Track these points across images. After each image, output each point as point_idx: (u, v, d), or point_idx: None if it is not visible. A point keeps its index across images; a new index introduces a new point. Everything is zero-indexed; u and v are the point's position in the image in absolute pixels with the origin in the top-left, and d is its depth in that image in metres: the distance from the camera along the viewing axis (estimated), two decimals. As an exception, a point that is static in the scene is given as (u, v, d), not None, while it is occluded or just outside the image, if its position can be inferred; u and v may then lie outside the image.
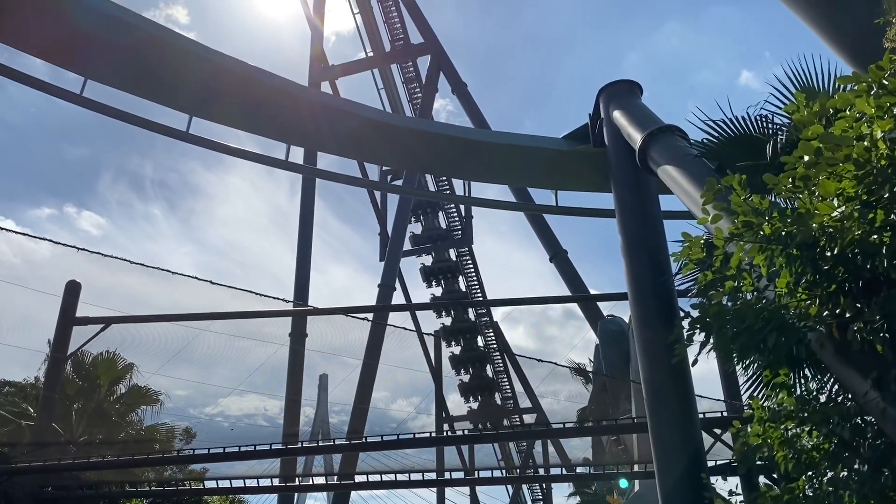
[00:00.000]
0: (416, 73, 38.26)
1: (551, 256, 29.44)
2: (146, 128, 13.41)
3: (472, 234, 38.76)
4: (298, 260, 28.18)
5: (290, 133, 14.58)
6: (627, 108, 12.74)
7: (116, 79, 13.09)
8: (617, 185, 12.52)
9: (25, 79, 12.52)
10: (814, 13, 8.34)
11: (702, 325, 5.57)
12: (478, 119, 32.50)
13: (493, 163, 15.19)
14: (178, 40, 13.29)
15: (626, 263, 11.51)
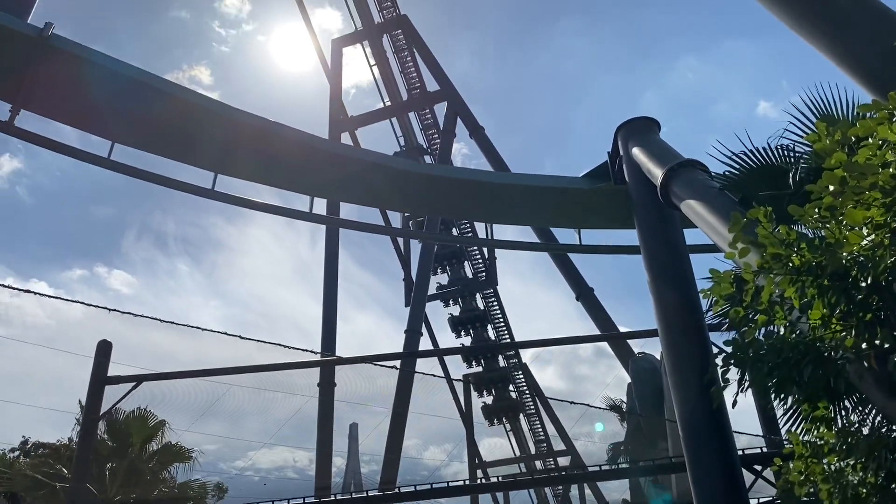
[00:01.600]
0: (433, 120, 38.77)
1: (577, 295, 29.28)
2: (173, 187, 13.66)
3: (496, 276, 38.74)
4: (325, 310, 28.28)
5: (314, 185, 14.79)
6: (646, 145, 12.78)
7: (143, 141, 13.41)
8: (640, 222, 12.49)
9: (57, 146, 12.86)
10: (829, 42, 8.36)
11: (736, 361, 5.50)
12: (497, 161, 32.76)
13: (515, 205, 15.25)
14: (201, 101, 13.61)
15: (654, 300, 11.40)
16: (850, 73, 8.23)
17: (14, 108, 12.38)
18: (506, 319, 39.88)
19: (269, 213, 14.89)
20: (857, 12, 8.27)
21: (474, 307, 40.07)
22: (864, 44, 8.09)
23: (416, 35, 36.81)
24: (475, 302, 40.16)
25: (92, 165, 13.09)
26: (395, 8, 37.65)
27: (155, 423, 24.13)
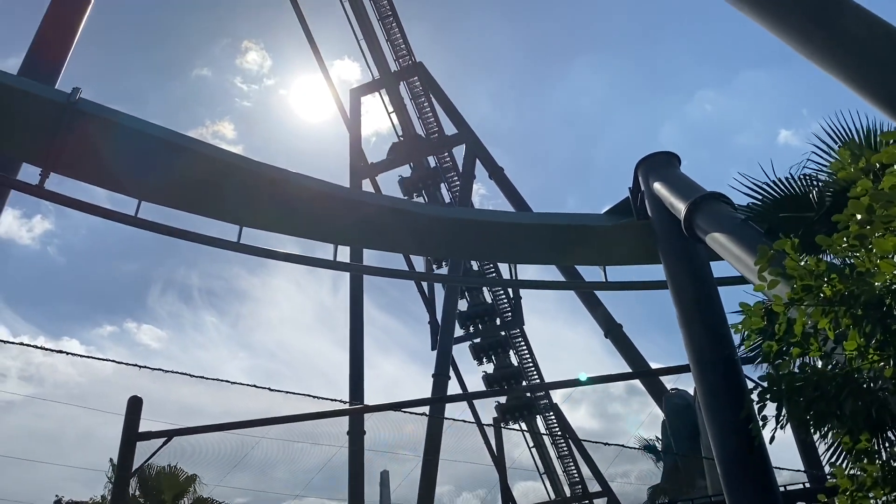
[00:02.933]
0: (452, 163, 39.03)
1: (606, 332, 29.00)
2: (200, 242, 13.86)
3: (522, 316, 38.50)
4: (351, 358, 28.23)
5: (338, 234, 14.91)
6: (667, 179, 12.77)
7: (169, 198, 13.66)
8: (665, 256, 12.42)
9: (85, 207, 13.13)
10: (846, 69, 8.36)
11: (772, 395, 5.40)
12: (518, 201, 32.83)
13: (538, 245, 15.25)
14: (225, 156, 13.87)
15: (684, 335, 11.27)
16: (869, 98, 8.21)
17: (44, 171, 12.69)
18: (534, 358, 39.53)
19: (295, 263, 15.03)
20: (871, 38, 8.27)
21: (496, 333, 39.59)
22: (881, 69, 8.07)
23: (432, 81, 37.33)
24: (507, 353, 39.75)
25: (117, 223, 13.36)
26: (411, 56, 38.30)
27: (185, 478, 24.04)
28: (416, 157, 38.97)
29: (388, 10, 37.76)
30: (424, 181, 39.15)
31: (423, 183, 39.22)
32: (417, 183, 38.91)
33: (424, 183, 39.23)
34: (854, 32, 8.40)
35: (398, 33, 38.05)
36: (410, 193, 39.13)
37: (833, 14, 8.70)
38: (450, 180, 39.21)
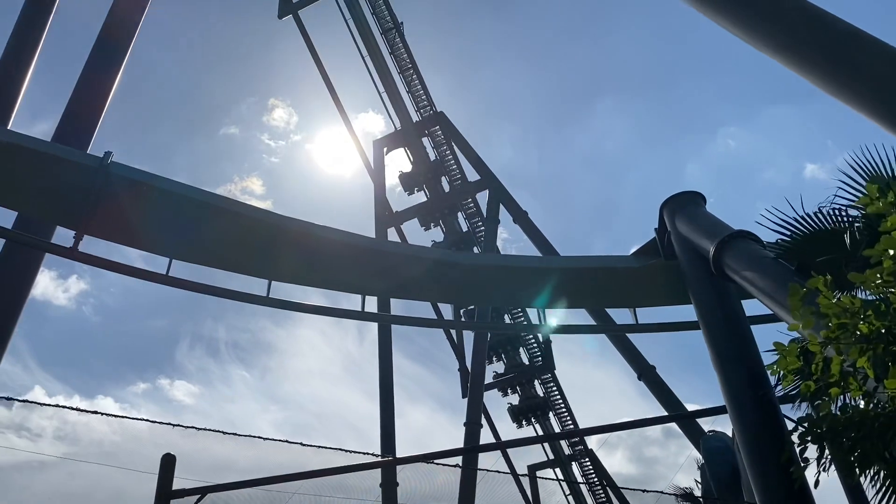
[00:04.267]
0: (476, 208, 39.21)
1: (639, 374, 28.56)
2: (231, 298, 14.01)
3: (553, 360, 38.12)
4: (382, 409, 28.05)
5: (365, 285, 15.00)
6: (693, 219, 12.74)
7: (199, 256, 13.88)
8: (695, 297, 12.31)
9: (118, 267, 13.37)
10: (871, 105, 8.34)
11: (813, 437, 5.27)
12: (544, 245, 32.77)
13: (566, 289, 15.20)
14: (254, 213, 14.10)
15: (719, 376, 11.09)
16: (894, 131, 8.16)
17: (77, 234, 12.96)
18: (567, 403, 39.00)
19: (324, 315, 15.11)
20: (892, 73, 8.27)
21: (534, 394, 39.29)
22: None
23: (453, 129, 37.76)
24: (534, 389, 39.44)
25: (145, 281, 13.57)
26: (432, 106, 38.88)
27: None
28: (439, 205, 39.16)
29: (409, 63, 38.52)
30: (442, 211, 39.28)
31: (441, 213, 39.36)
32: (421, 182, 38.90)
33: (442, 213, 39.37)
34: (874, 67, 8.40)
35: (419, 85, 38.73)
36: (411, 188, 39.19)
37: (853, 50, 8.72)
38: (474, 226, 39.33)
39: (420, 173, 38.83)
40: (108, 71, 18.97)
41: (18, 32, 20.70)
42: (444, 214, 39.57)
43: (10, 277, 16.90)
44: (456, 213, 39.76)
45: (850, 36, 8.89)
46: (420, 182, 39.16)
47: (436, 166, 38.94)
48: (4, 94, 19.74)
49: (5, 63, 20.21)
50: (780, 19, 9.62)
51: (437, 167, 38.95)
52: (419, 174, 38.85)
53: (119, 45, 19.36)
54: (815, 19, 9.44)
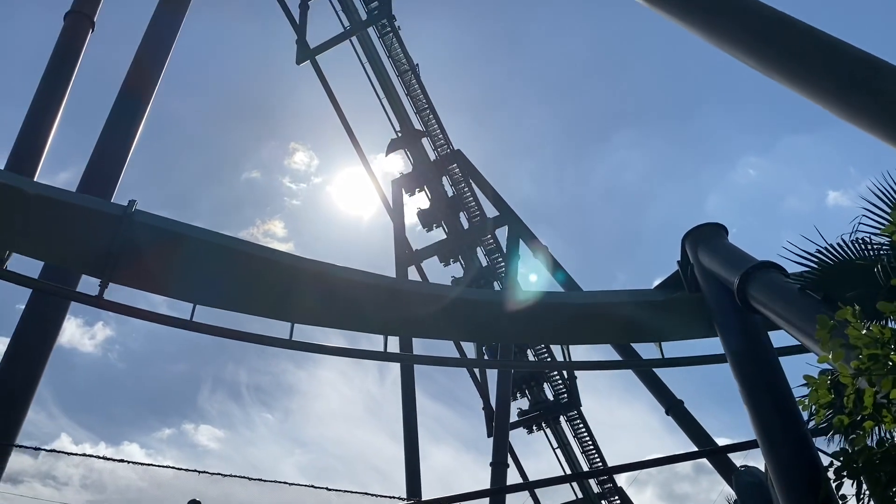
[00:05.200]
0: (496, 244, 39.24)
1: (667, 409, 28.10)
2: (254, 342, 14.06)
3: (578, 397, 37.70)
4: (406, 450, 27.79)
5: (387, 325, 14.98)
6: (716, 251, 12.66)
7: (223, 300, 13.97)
8: (722, 329, 12.18)
9: (143, 314, 13.49)
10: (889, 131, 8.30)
11: (849, 472, 5.16)
12: (567, 280, 32.64)
13: (590, 324, 15.09)
14: (277, 257, 14.21)
15: (749, 410, 10.90)
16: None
17: (103, 282, 13.11)
18: (594, 441, 38.47)
19: (347, 356, 15.09)
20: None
21: (560, 432, 38.81)
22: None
23: (471, 167, 38.01)
24: (559, 426, 38.95)
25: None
26: (449, 145, 39.22)
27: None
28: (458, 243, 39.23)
29: (425, 104, 38.96)
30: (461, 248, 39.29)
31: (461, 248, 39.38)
32: (436, 214, 38.92)
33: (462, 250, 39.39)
34: (892, 93, 8.37)
35: (436, 125, 39.12)
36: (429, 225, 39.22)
37: (868, 76, 8.71)
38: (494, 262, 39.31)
39: (438, 210, 39.01)
40: (130, 121, 19.39)
41: (44, 86, 21.26)
42: (463, 250, 39.64)
43: (36, 327, 17.12)
44: (475, 248, 39.82)
45: (865, 63, 8.88)
46: (438, 218, 39.32)
47: (454, 203, 39.12)
48: (31, 146, 20.20)
49: (32, 116, 20.72)
50: (794, 49, 9.65)
51: (455, 204, 39.13)
52: (437, 210, 39.03)
53: (141, 96, 19.81)
54: (829, 48, 9.45)
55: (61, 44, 22.13)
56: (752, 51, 10.36)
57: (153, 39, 20.81)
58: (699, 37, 11.71)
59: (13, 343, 16.97)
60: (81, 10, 22.88)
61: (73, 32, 22.54)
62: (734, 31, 10.66)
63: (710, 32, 11.36)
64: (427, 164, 38.54)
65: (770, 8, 10.39)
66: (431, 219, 39.14)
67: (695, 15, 11.56)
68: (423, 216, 39.05)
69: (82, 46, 22.57)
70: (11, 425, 16.20)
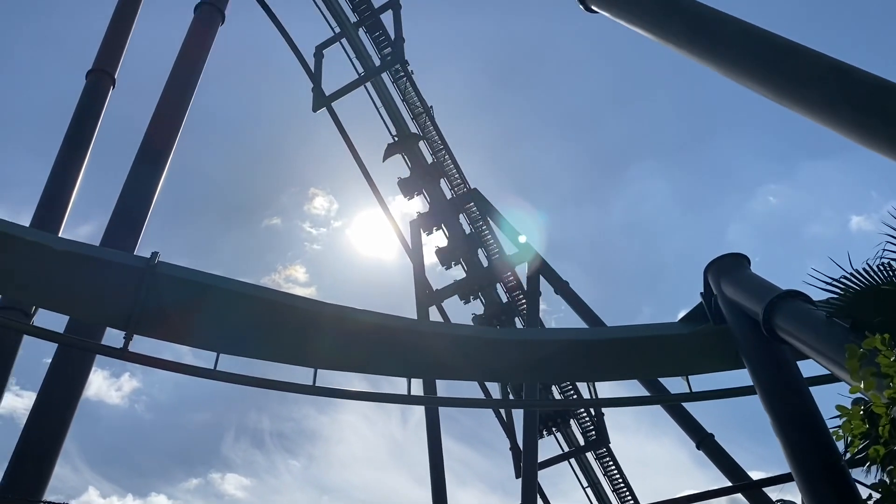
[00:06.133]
0: (516, 281, 39.14)
1: (697, 443, 27.59)
2: (278, 389, 14.06)
3: (607, 434, 37.14)
4: (434, 494, 27.32)
5: (411, 367, 14.92)
6: (740, 281, 12.55)
7: (246, 349, 14.01)
8: (749, 361, 12.01)
9: (168, 365, 13.56)
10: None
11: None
12: (588, 315, 32.34)
13: (615, 360, 14.94)
14: (299, 303, 14.28)
15: (781, 442, 10.68)
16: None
17: (127, 334, 13.20)
18: (625, 480, 37.76)
19: (371, 401, 15.03)
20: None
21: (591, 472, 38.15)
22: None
23: (488, 204, 38.15)
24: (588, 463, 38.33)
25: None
26: (465, 183, 39.45)
27: None
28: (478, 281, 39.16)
29: (440, 145, 39.35)
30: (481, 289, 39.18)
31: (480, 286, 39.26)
32: (455, 252, 38.87)
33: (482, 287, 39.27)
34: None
35: (451, 164, 39.42)
36: (448, 263, 39.13)
37: (885, 103, 8.70)
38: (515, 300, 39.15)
39: (457, 248, 39.08)
40: (152, 174, 19.73)
41: (68, 143, 21.78)
42: (483, 288, 39.57)
43: (63, 380, 17.25)
44: (495, 285, 39.74)
45: (881, 89, 8.87)
46: (457, 256, 39.36)
47: (472, 241, 39.19)
48: (56, 202, 20.62)
49: (56, 172, 21.19)
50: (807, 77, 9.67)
51: (473, 241, 39.19)
52: (456, 249, 39.10)
53: (162, 148, 20.18)
54: (842, 74, 9.46)
55: (84, 101, 22.74)
56: (765, 81, 10.38)
57: (173, 93, 21.28)
58: (711, 69, 11.78)
59: (40, 397, 17.09)
60: (103, 68, 23.53)
61: (94, 90, 23.17)
62: (746, 62, 10.71)
63: (721, 64, 11.41)
64: (444, 203, 38.76)
65: (781, 38, 10.44)
66: (450, 257, 39.18)
67: (706, 48, 11.63)
68: (442, 255, 39.11)
69: (104, 103, 23.18)
70: (39, 481, 16.24)
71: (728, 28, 11.30)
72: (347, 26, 39.48)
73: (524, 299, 36.96)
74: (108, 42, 24.54)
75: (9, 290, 14.63)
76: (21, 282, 13.43)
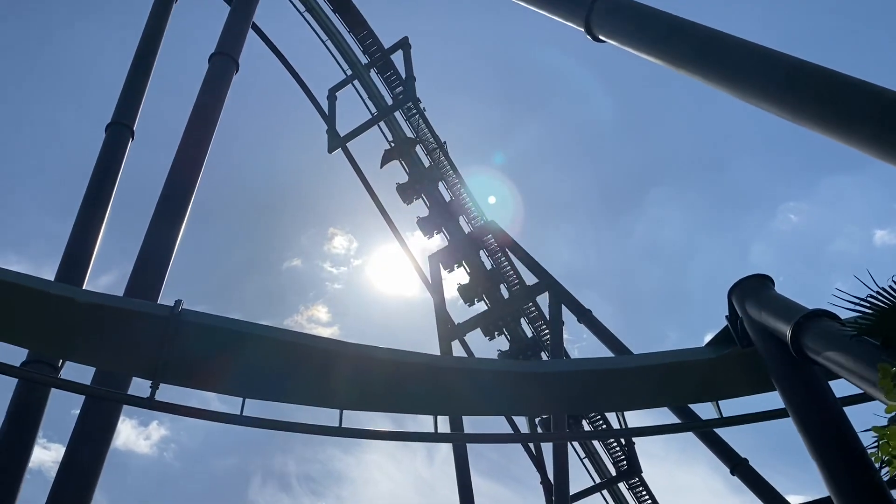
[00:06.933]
0: (538, 312, 38.97)
1: (732, 469, 27.10)
2: (305, 432, 14.00)
3: (638, 463, 36.59)
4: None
5: (437, 404, 14.83)
6: (765, 302, 12.41)
7: (272, 393, 14.02)
8: (779, 383, 11.83)
9: (195, 413, 13.57)
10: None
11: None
12: (612, 343, 32.09)
13: (643, 388, 14.77)
14: (323, 344, 14.30)
15: (818, 465, 10.46)
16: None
17: (154, 383, 13.27)
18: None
19: (399, 440, 14.92)
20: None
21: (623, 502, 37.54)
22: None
23: (506, 237, 38.20)
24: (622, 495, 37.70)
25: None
26: (482, 217, 39.58)
27: None
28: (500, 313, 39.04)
29: (455, 179, 39.60)
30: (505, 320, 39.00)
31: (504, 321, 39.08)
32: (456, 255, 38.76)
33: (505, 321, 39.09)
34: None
35: (467, 198, 39.61)
36: (470, 299, 38.95)
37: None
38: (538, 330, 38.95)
39: (478, 283, 39.05)
40: (172, 222, 19.94)
41: (89, 196, 22.14)
42: (506, 322, 39.44)
43: (91, 432, 17.26)
44: (518, 318, 39.58)
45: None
46: (479, 292, 39.33)
47: (493, 274, 39.16)
48: (79, 255, 20.90)
49: (79, 226, 21.52)
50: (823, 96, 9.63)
51: (494, 275, 39.16)
52: (477, 284, 39.08)
53: (181, 197, 20.43)
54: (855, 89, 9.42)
55: (104, 155, 23.16)
56: (778, 100, 10.35)
57: (190, 142, 21.62)
58: (722, 91, 11.78)
59: (69, 450, 17.10)
60: (121, 122, 23.99)
61: (114, 143, 23.61)
62: (757, 82, 10.68)
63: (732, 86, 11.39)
64: (462, 237, 38.88)
65: (792, 57, 10.42)
66: (472, 293, 39.20)
67: (715, 70, 11.63)
68: (464, 291, 39.14)
69: (123, 155, 23.59)
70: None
71: (737, 49, 11.30)
72: (359, 68, 40.12)
73: (548, 330, 36.78)
74: (126, 95, 25.07)
75: (35, 343, 14.79)
76: (47, 335, 13.58)
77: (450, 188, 39.68)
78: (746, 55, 11.05)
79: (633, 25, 13.33)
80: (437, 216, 39.36)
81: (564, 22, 15.16)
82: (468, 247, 38.82)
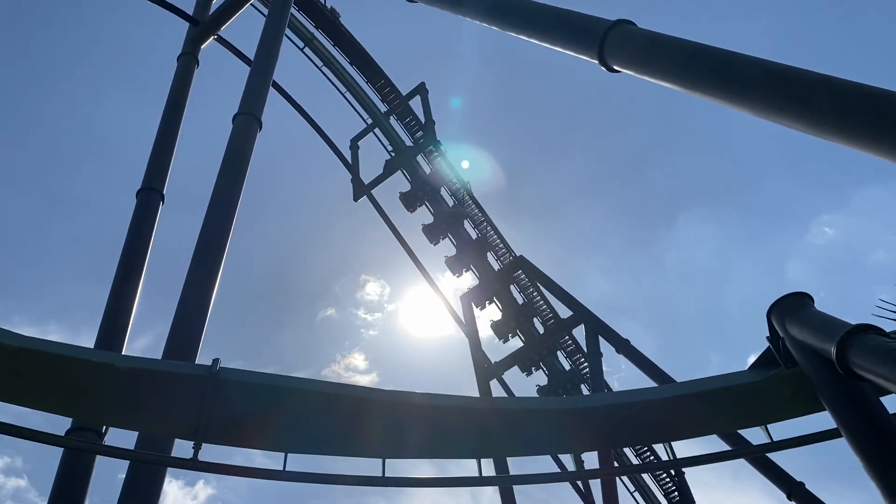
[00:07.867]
0: (575, 345, 38.64)
1: (788, 493, 26.33)
2: (348, 484, 13.88)
3: (690, 494, 35.72)
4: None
5: (480, 448, 14.63)
6: (806, 321, 12.14)
7: (313, 446, 13.97)
8: (829, 402, 11.50)
9: (238, 471, 13.56)
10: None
11: None
12: (654, 372, 31.64)
13: (692, 416, 14.44)
14: (360, 393, 14.25)
15: (878, 485, 10.08)
16: None
17: (196, 444, 13.29)
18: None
19: (445, 486, 14.72)
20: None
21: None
22: None
23: (536, 271, 38.10)
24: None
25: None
26: (510, 253, 39.61)
27: None
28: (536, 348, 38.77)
29: (481, 218, 39.77)
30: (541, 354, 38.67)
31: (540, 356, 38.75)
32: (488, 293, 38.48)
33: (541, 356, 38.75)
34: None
35: (495, 236, 39.71)
36: (505, 336, 38.63)
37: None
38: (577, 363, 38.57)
39: (511, 318, 38.90)
40: (206, 282, 20.18)
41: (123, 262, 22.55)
42: (543, 356, 39.14)
43: (137, 496, 17.31)
44: (555, 352, 39.27)
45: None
46: (513, 328, 39.19)
47: (526, 310, 39.01)
48: (116, 320, 21.22)
49: (115, 292, 21.87)
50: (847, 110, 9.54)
51: (527, 310, 39.01)
52: (510, 319, 38.94)
53: (214, 257, 20.69)
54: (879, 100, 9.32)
55: (136, 220, 23.64)
56: (801, 117, 10.26)
57: (219, 202, 21.95)
58: (744, 112, 11.72)
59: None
60: (151, 186, 24.54)
61: (145, 208, 24.12)
62: (779, 101, 10.61)
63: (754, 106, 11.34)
64: (492, 276, 38.87)
65: (813, 73, 10.35)
66: (506, 329, 39.07)
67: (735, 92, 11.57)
68: (497, 328, 39.02)
69: (155, 219, 24.06)
70: None
71: (756, 69, 11.24)
72: (379, 116, 40.82)
73: (586, 363, 36.39)
74: (154, 160, 25.65)
75: (78, 412, 14.92)
76: (90, 403, 13.69)
77: (476, 226, 39.85)
78: (767, 74, 10.98)
79: (648, 53, 13.35)
80: (465, 254, 39.46)
81: (577, 55, 15.26)
82: (498, 283, 38.78)
